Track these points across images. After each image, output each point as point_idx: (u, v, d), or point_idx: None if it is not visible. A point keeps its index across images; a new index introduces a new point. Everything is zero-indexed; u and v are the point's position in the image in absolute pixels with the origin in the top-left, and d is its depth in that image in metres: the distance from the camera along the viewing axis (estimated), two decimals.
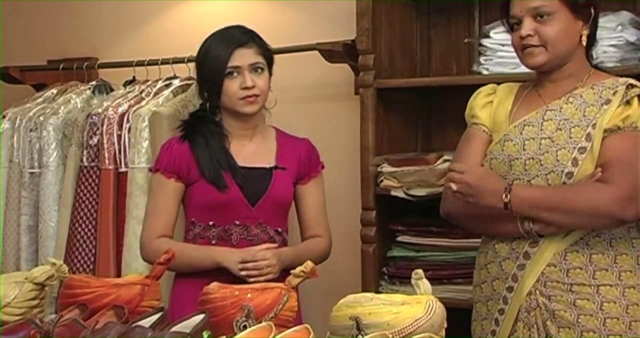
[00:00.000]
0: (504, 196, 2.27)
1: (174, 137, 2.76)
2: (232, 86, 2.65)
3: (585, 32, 2.35)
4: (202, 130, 2.71)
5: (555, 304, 2.28)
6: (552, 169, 2.30)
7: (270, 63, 2.75)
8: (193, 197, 2.69)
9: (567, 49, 2.34)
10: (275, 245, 2.66)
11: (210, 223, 2.67)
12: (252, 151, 2.73)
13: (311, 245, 2.75)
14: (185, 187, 2.69)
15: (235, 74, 2.66)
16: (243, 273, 2.55)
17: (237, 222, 2.66)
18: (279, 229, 2.72)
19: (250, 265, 2.56)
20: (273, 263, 2.57)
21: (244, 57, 2.66)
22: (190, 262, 2.62)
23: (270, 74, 2.75)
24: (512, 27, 2.39)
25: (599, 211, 2.23)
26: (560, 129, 2.32)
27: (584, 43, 2.35)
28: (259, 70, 2.69)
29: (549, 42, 2.32)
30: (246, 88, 2.65)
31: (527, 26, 2.32)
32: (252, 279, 2.50)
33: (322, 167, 2.84)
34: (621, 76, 2.40)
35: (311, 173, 2.79)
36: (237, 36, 2.69)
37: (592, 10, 2.35)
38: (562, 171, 2.29)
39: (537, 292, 2.30)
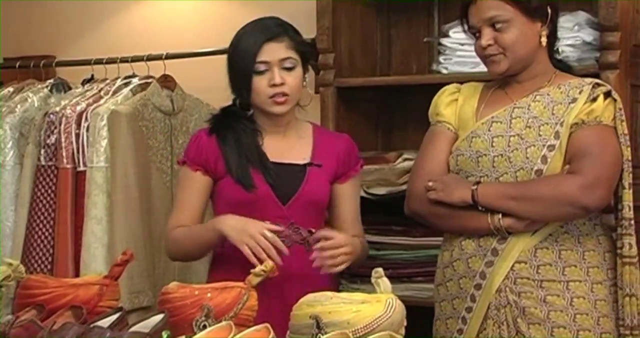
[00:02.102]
0: (472, 186, 2.30)
1: (203, 130, 2.60)
2: (260, 83, 2.48)
3: (544, 32, 2.37)
4: (233, 125, 2.54)
5: (525, 301, 2.30)
6: (522, 166, 2.32)
7: (305, 58, 2.58)
8: (221, 194, 2.54)
9: (527, 52, 2.36)
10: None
11: None
12: (285, 147, 2.56)
13: (360, 243, 2.56)
14: (214, 182, 2.54)
15: (264, 69, 2.48)
16: (246, 249, 2.34)
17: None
18: (313, 230, 2.51)
19: (264, 241, 2.35)
20: (348, 251, 2.41)
21: (274, 51, 2.49)
22: (192, 237, 2.49)
23: (306, 70, 2.58)
24: (474, 34, 2.41)
25: (562, 198, 2.25)
26: (529, 127, 2.34)
27: (544, 43, 2.37)
28: (290, 66, 2.51)
29: (508, 49, 2.34)
30: (274, 85, 2.47)
31: (486, 36, 2.35)
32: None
33: (362, 166, 2.67)
34: (580, 76, 2.43)
35: (350, 172, 2.61)
36: (268, 28, 2.52)
37: (549, 9, 2.36)
38: (532, 168, 2.31)
39: (507, 289, 2.31)
